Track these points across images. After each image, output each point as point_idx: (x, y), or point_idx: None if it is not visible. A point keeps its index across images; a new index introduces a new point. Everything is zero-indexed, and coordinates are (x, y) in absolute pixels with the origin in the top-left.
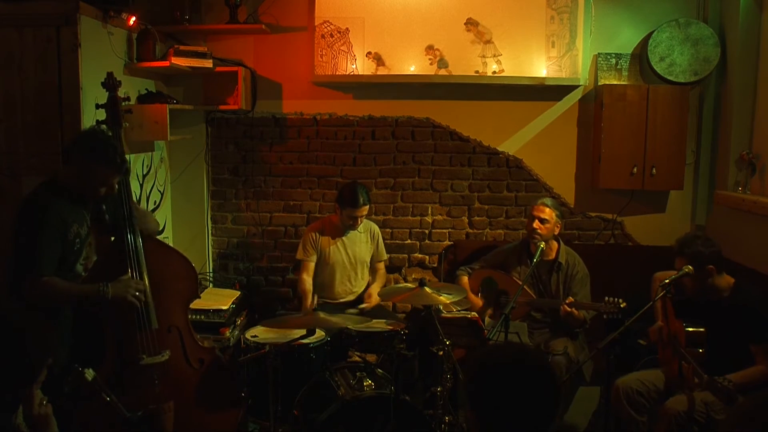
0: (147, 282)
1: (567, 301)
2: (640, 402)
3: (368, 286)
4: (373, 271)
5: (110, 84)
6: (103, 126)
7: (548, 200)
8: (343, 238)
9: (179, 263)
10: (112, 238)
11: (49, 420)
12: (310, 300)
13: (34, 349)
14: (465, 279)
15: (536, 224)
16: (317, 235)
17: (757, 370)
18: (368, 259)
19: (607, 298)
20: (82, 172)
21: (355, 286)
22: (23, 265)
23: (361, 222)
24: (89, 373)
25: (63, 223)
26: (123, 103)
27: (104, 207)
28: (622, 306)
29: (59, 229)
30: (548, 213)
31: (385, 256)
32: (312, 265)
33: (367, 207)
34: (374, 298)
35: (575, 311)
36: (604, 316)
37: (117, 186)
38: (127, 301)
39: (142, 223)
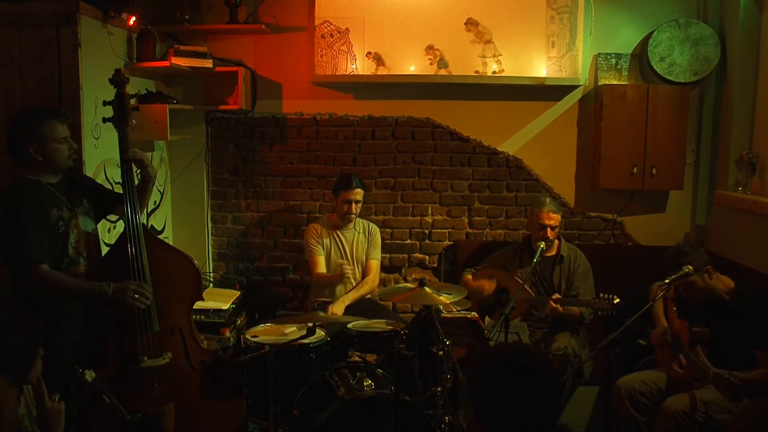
0: (150, 284)
1: (553, 297)
2: (641, 402)
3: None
4: (364, 270)
5: (118, 80)
6: (109, 123)
7: (552, 204)
8: (343, 239)
9: (182, 264)
10: (106, 239)
11: (60, 417)
12: (333, 268)
13: (20, 342)
14: (468, 277)
15: (548, 233)
16: (320, 228)
17: (764, 372)
18: None
19: (601, 295)
20: (36, 142)
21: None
22: (18, 261)
23: (357, 210)
24: (89, 374)
25: (42, 209)
26: (131, 100)
27: (81, 190)
28: (615, 302)
29: (40, 215)
30: (556, 219)
31: (378, 257)
32: (322, 259)
33: (361, 192)
34: (331, 312)
35: (560, 308)
36: (599, 313)
37: (73, 142)
38: (125, 302)
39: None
